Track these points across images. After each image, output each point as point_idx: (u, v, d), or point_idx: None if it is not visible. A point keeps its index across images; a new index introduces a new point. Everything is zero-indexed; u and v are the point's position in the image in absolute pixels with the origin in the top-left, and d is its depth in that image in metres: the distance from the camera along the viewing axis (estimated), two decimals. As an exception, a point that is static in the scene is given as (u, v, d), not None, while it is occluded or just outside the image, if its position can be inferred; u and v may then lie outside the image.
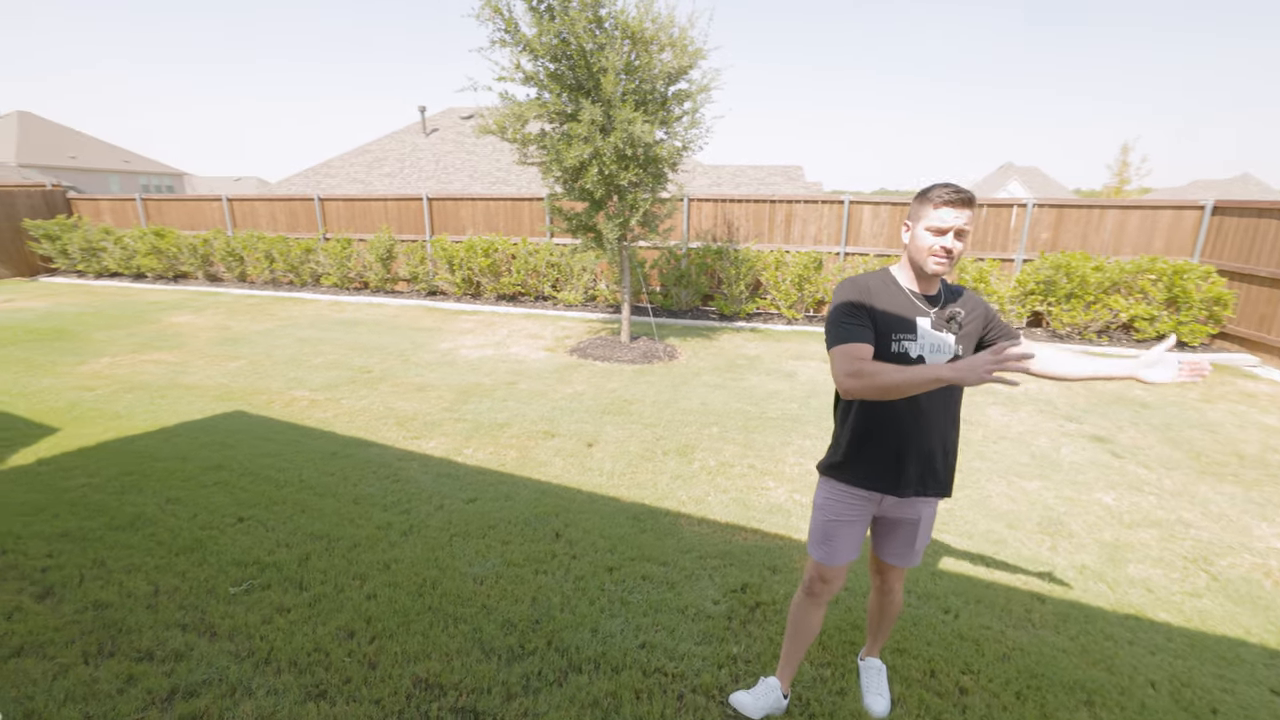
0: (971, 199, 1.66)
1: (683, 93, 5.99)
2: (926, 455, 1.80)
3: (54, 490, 3.61)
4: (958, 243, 1.68)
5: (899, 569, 2.04)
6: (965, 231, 1.69)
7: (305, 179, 18.44)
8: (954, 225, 1.66)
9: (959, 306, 1.80)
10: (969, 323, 1.79)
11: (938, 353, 1.76)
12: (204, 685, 2.16)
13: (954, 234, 1.67)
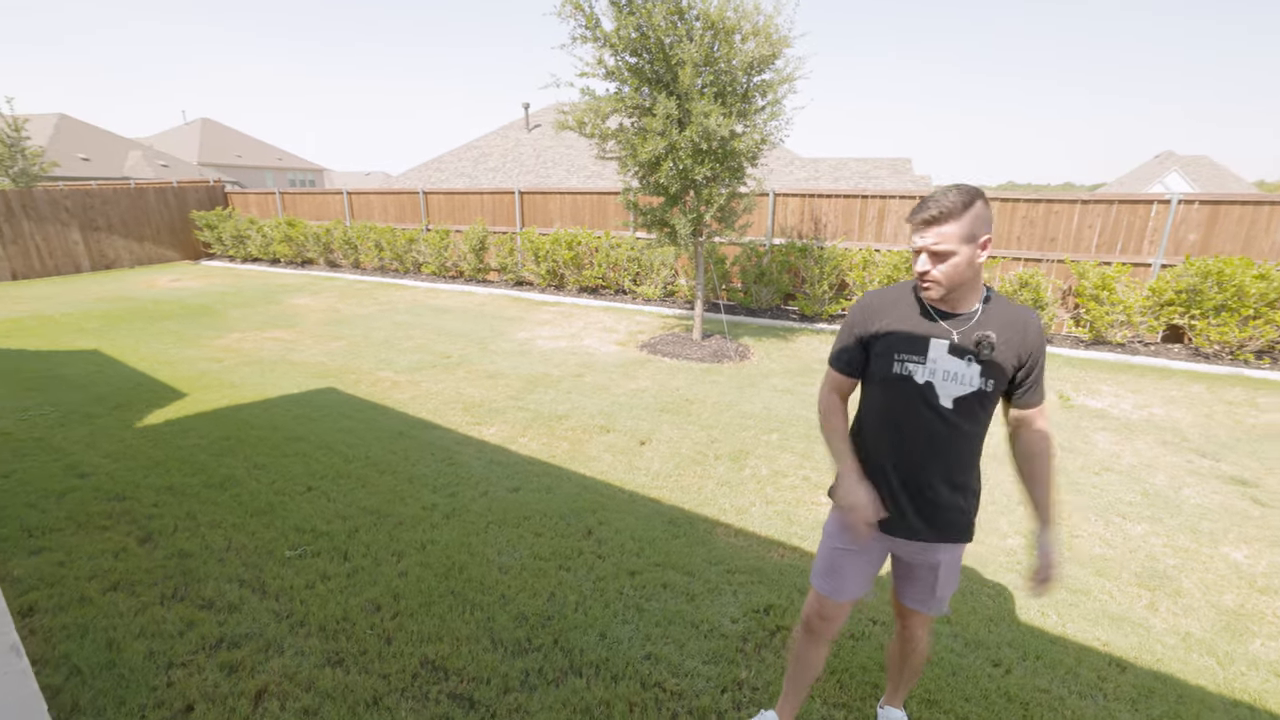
0: (937, 216, 1.45)
1: (765, 83, 5.75)
2: (927, 497, 1.61)
3: (171, 448, 4.15)
4: (931, 264, 1.48)
5: (921, 615, 1.82)
6: (940, 253, 1.47)
7: (419, 173, 19.85)
8: (919, 246, 1.50)
9: (992, 330, 1.52)
10: (1001, 354, 1.52)
11: (951, 381, 1.54)
12: (245, 638, 2.38)
13: (927, 255, 1.49)
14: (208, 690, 2.14)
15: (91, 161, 30.14)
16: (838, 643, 2.45)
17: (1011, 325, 1.53)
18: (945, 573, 1.72)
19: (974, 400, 1.54)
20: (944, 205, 1.45)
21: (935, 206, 1.46)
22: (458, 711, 2.07)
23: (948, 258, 1.47)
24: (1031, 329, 1.54)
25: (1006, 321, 1.54)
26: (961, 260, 1.46)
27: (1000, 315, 1.55)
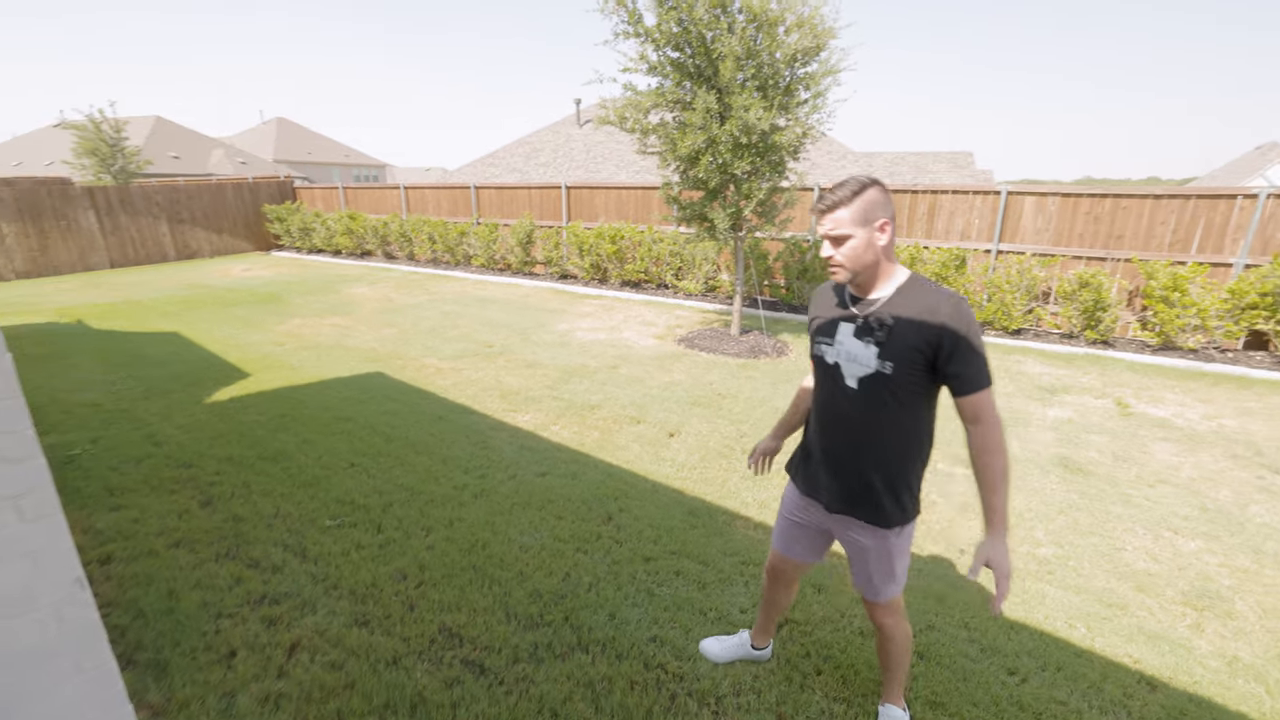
0: (832, 204, 1.57)
1: (809, 76, 5.66)
2: (848, 470, 1.69)
3: (233, 422, 4.49)
4: (834, 249, 1.59)
5: (870, 602, 1.85)
6: (837, 237, 1.57)
7: (474, 169, 20.43)
8: (820, 234, 1.61)
9: (892, 313, 1.56)
10: (902, 335, 1.54)
11: (853, 363, 1.63)
12: (285, 596, 2.59)
13: (828, 241, 1.60)
14: (249, 639, 2.34)
15: (181, 159, 32.49)
16: (845, 639, 2.44)
17: (922, 309, 1.55)
18: (875, 560, 1.76)
19: (875, 381, 1.59)
20: (837, 194, 1.56)
21: (829, 196, 1.58)
22: (469, 676, 2.19)
23: (845, 241, 1.56)
24: (943, 313, 1.52)
25: (917, 306, 1.56)
26: (859, 243, 1.55)
27: (911, 299, 1.57)
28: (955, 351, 1.51)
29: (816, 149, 16.09)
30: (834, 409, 1.69)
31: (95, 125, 17.70)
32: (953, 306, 1.52)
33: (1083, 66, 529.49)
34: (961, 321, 1.51)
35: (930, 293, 1.57)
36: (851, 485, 1.69)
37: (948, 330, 1.50)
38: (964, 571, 2.94)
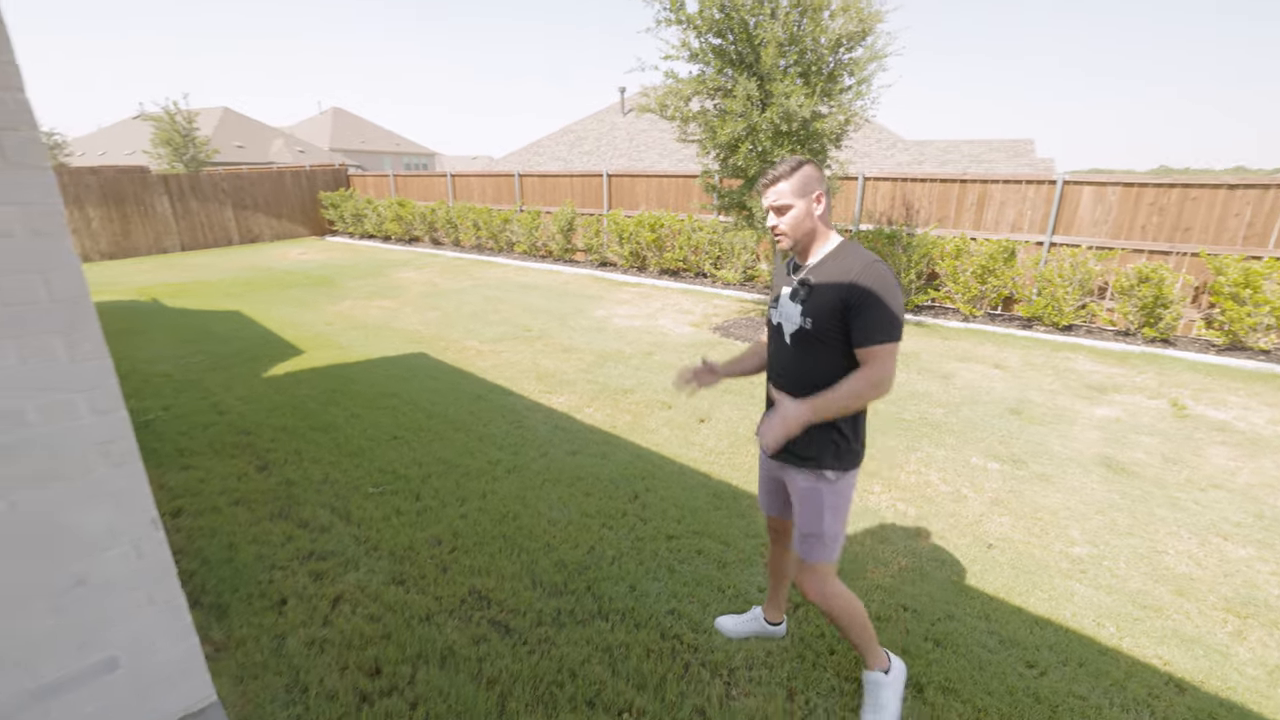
0: (774, 178, 1.74)
1: (853, 61, 5.55)
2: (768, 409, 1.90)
3: (287, 394, 4.79)
4: (778, 219, 1.76)
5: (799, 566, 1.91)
6: (780, 208, 1.75)
7: (519, 157, 20.74)
8: (765, 205, 1.78)
9: (814, 275, 1.76)
10: (824, 296, 1.72)
11: (789, 321, 1.82)
12: (330, 554, 2.79)
13: (773, 211, 1.77)
14: (298, 590, 2.55)
15: (245, 148, 34.11)
16: (862, 622, 2.47)
17: (840, 271, 1.71)
18: (800, 504, 1.87)
19: (802, 336, 1.78)
20: (778, 170, 1.75)
21: (771, 172, 1.76)
22: (494, 635, 2.32)
23: (787, 211, 1.74)
24: (855, 273, 1.67)
25: (837, 268, 1.72)
26: (799, 212, 1.74)
27: (834, 262, 1.74)
28: (861, 307, 1.65)
29: (866, 137, 15.67)
30: (778, 364, 1.88)
31: (170, 117, 18.78)
32: (864, 267, 1.67)
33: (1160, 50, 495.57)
34: (869, 280, 1.65)
35: (850, 256, 1.72)
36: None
37: (856, 287, 1.66)
38: (988, 567, 2.91)
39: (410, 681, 2.10)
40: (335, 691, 2.05)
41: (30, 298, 1.37)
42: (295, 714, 1.97)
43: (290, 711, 1.97)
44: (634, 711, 2.01)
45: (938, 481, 3.69)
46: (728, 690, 2.12)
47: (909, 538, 3.11)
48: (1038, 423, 4.57)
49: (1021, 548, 3.07)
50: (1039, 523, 3.29)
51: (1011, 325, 7.02)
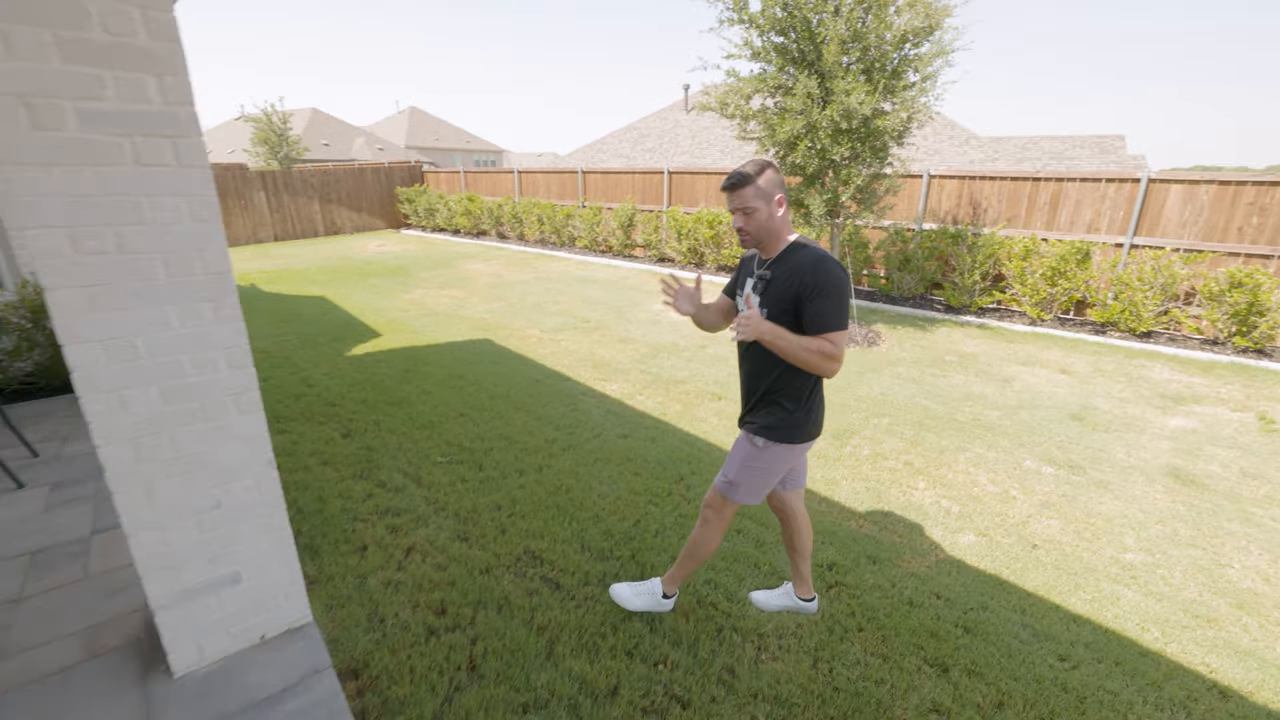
0: (737, 183, 1.88)
1: (918, 58, 5.48)
2: (746, 391, 2.13)
3: (367, 372, 5.25)
4: (744, 220, 1.91)
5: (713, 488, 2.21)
6: (745, 210, 1.90)
7: (583, 154, 21.19)
8: (730, 208, 1.93)
9: (774, 271, 1.94)
10: (779, 288, 1.91)
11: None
12: (404, 511, 3.12)
13: (739, 214, 1.92)
14: (377, 539, 2.88)
15: (330, 146, 36.38)
16: (891, 605, 2.56)
17: (794, 269, 1.89)
18: (732, 451, 2.16)
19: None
20: (741, 175, 1.88)
21: (735, 176, 1.88)
22: (545, 589, 2.56)
23: (753, 214, 1.89)
24: (805, 270, 1.86)
25: (791, 265, 1.91)
26: (763, 215, 1.90)
27: (789, 260, 1.92)
28: (810, 298, 1.84)
29: (936, 134, 15.12)
30: (741, 346, 2.09)
31: (268, 118, 20.37)
32: (814, 263, 1.86)
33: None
34: (818, 276, 1.84)
35: (803, 255, 1.91)
36: (750, 399, 2.11)
37: (806, 282, 1.84)
38: (1030, 565, 2.91)
39: (471, 622, 2.37)
40: (408, 624, 2.34)
41: (189, 271, 1.70)
42: (374, 639, 2.27)
43: (370, 637, 2.28)
44: (669, 664, 2.20)
45: (986, 482, 3.67)
46: (758, 654, 2.27)
47: (950, 533, 3.14)
48: (1101, 430, 4.42)
49: (1068, 550, 3.04)
50: (1090, 528, 3.24)
51: (1083, 330, 6.71)
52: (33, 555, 2.57)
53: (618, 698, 2.05)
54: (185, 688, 1.91)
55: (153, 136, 1.58)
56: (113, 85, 1.50)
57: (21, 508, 2.93)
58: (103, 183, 1.53)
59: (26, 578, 2.43)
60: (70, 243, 1.52)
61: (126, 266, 1.60)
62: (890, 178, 6.14)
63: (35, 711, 1.84)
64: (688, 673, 2.15)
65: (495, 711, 1.97)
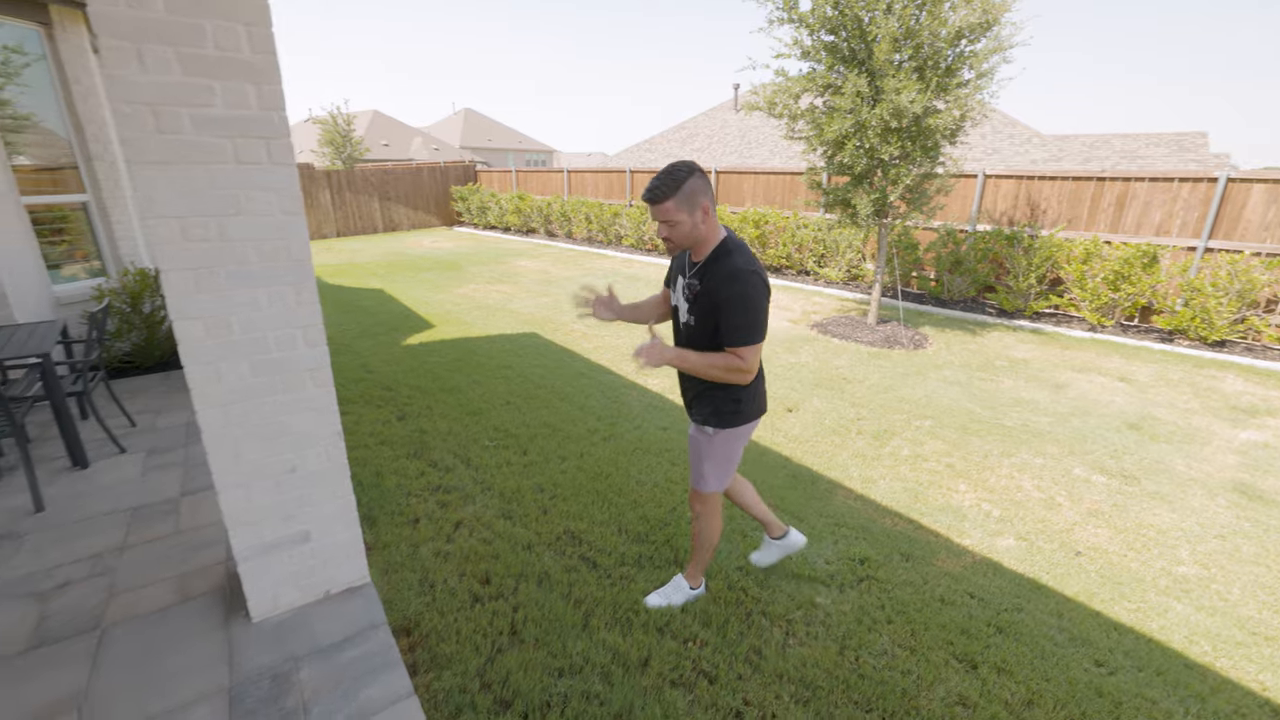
0: (657, 196, 1.88)
1: (974, 54, 5.36)
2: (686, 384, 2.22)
3: (420, 360, 5.53)
4: (668, 232, 1.94)
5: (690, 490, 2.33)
6: (669, 222, 1.91)
7: (631, 154, 21.38)
8: (653, 219, 1.96)
9: (701, 279, 1.97)
10: (703, 297, 1.97)
11: (681, 311, 2.11)
12: (453, 489, 3.32)
13: (662, 225, 1.93)
14: (428, 513, 3.08)
15: (389, 146, 37.87)
16: (922, 601, 2.57)
17: (715, 276, 1.93)
18: (692, 451, 2.25)
19: (687, 327, 2.08)
20: (661, 187, 1.87)
21: (654, 189, 1.88)
22: (583, 567, 2.70)
23: (676, 225, 1.91)
24: (722, 282, 1.90)
25: (713, 274, 1.94)
26: (686, 225, 1.91)
27: (713, 269, 1.95)
28: (725, 312, 1.91)
29: (996, 132, 14.59)
30: (677, 338, 2.18)
31: (333, 120, 21.43)
32: (730, 277, 1.89)
33: None
34: (732, 291, 1.88)
35: (725, 263, 1.92)
36: (688, 396, 2.22)
37: (722, 294, 1.90)
38: (1071, 572, 2.86)
39: (513, 592, 2.52)
40: (455, 590, 2.52)
41: (277, 258, 1.90)
42: (425, 602, 2.45)
43: (422, 599, 2.46)
44: (698, 641, 2.29)
45: (1030, 488, 3.60)
46: (785, 638, 2.34)
47: (988, 535, 3.11)
48: (1161, 440, 4.24)
49: (1115, 559, 2.97)
50: (1141, 539, 3.15)
51: (1147, 338, 6.40)
52: (133, 511, 2.89)
53: (648, 669, 2.16)
54: (262, 631, 2.14)
55: (250, 138, 1.78)
56: (220, 93, 1.71)
57: (123, 470, 3.28)
58: (209, 179, 1.75)
59: (129, 530, 2.74)
60: (181, 231, 1.74)
61: (225, 253, 1.82)
62: (941, 177, 6.02)
63: (141, 642, 2.10)
64: (716, 650, 2.24)
65: (534, 672, 2.11)
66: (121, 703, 1.87)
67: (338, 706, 1.84)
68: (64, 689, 1.92)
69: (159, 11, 1.60)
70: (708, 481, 2.23)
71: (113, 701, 1.87)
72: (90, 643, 2.10)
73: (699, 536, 2.37)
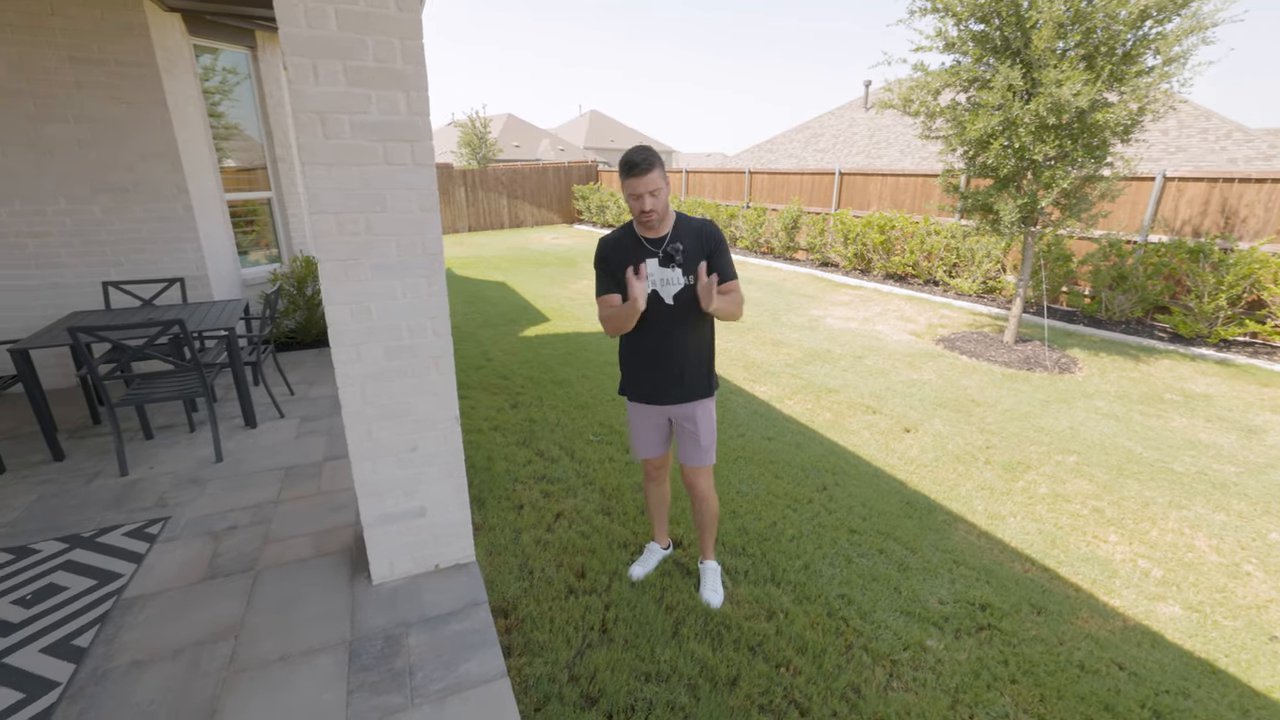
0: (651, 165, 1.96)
1: (1161, 36, 4.63)
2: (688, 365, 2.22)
3: (534, 351, 5.80)
4: (653, 201, 2.01)
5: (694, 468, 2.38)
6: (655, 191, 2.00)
7: (751, 154, 20.99)
8: (641, 190, 2.00)
9: (680, 242, 2.10)
10: (692, 254, 2.10)
11: (667, 285, 2.12)
12: (557, 480, 3.43)
13: (648, 196, 2.00)
14: (532, 501, 3.22)
15: (520, 147, 40.21)
16: (1055, 663, 2.26)
17: (696, 233, 2.14)
18: (704, 426, 2.30)
19: (685, 293, 2.12)
20: (649, 159, 1.97)
21: (643, 162, 1.96)
22: (677, 573, 2.67)
23: (659, 194, 2.01)
24: (706, 231, 2.14)
25: (690, 232, 2.14)
26: (664, 193, 2.04)
27: (685, 229, 2.14)
28: (716, 251, 2.13)
29: (1183, 127, 12.58)
30: (660, 326, 2.16)
31: (472, 124, 23.12)
32: (703, 225, 2.16)
33: None
34: (717, 234, 2.15)
35: (692, 220, 2.17)
36: (689, 375, 2.24)
37: (711, 240, 2.13)
38: (1260, 658, 2.38)
39: (607, 589, 2.55)
40: (552, 579, 2.60)
41: (413, 252, 2.06)
42: (523, 587, 2.55)
43: (520, 584, 2.57)
44: (791, 669, 2.18)
45: (1206, 548, 3.05)
46: (889, 680, 2.16)
47: (1146, 599, 2.68)
48: (1397, 508, 3.42)
49: (1321, 648, 2.43)
50: (1361, 627, 2.55)
51: (1385, 379, 5.19)
52: (286, 470, 3.29)
53: (736, 689, 2.09)
54: (379, 594, 2.34)
55: (398, 141, 1.94)
56: (375, 101, 1.88)
57: (281, 433, 3.75)
58: (363, 178, 1.93)
59: (282, 486, 3.12)
60: (337, 225, 1.94)
61: (371, 246, 2.00)
62: (1107, 180, 5.27)
63: (285, 588, 2.38)
64: (810, 681, 2.12)
65: (620, 673, 2.12)
66: (265, 639, 2.12)
67: (438, 675, 1.96)
68: (226, 618, 2.22)
69: (332, 30, 1.79)
70: (713, 451, 2.37)
71: (259, 636, 2.13)
72: (247, 581, 2.42)
73: (714, 515, 2.50)
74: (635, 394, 2.36)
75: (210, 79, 5.26)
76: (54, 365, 4.47)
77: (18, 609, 2.27)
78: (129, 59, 4.22)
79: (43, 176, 4.19)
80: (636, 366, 2.31)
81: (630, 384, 2.37)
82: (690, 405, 2.28)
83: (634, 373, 2.34)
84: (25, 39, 3.99)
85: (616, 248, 2.17)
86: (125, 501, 3.00)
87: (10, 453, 3.51)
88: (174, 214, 4.55)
